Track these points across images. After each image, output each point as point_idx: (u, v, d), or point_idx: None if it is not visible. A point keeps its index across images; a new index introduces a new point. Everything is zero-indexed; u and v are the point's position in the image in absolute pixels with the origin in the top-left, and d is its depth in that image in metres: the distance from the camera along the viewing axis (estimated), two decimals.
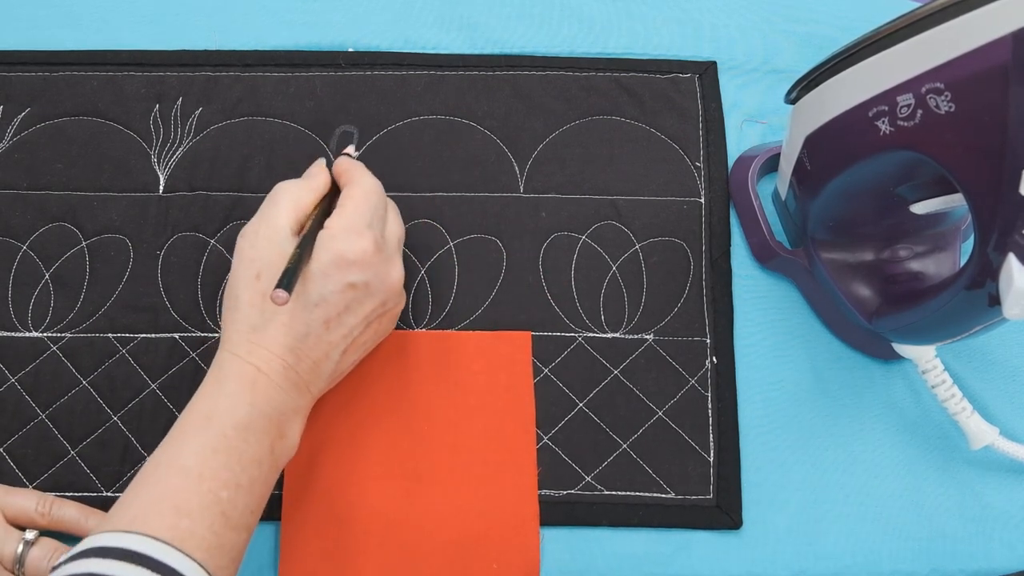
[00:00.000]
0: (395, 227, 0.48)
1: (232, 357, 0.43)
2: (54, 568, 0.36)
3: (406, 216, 0.55)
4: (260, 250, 0.44)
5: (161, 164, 0.56)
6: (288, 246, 0.44)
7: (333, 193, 0.48)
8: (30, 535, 0.45)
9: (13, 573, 0.45)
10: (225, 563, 0.39)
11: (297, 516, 0.48)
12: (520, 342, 0.52)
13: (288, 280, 0.41)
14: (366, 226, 0.44)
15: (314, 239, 0.44)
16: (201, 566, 0.37)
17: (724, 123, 0.58)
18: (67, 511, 0.47)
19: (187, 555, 0.36)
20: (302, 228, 0.45)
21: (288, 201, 0.46)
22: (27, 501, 0.47)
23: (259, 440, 0.42)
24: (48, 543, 0.45)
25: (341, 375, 0.48)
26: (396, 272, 0.46)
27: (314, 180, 0.48)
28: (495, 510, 0.49)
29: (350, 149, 0.53)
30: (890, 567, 0.49)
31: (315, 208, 0.46)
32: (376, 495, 0.49)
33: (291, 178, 0.55)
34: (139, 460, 0.50)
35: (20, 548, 0.45)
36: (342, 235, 0.44)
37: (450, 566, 0.47)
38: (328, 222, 0.45)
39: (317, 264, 0.43)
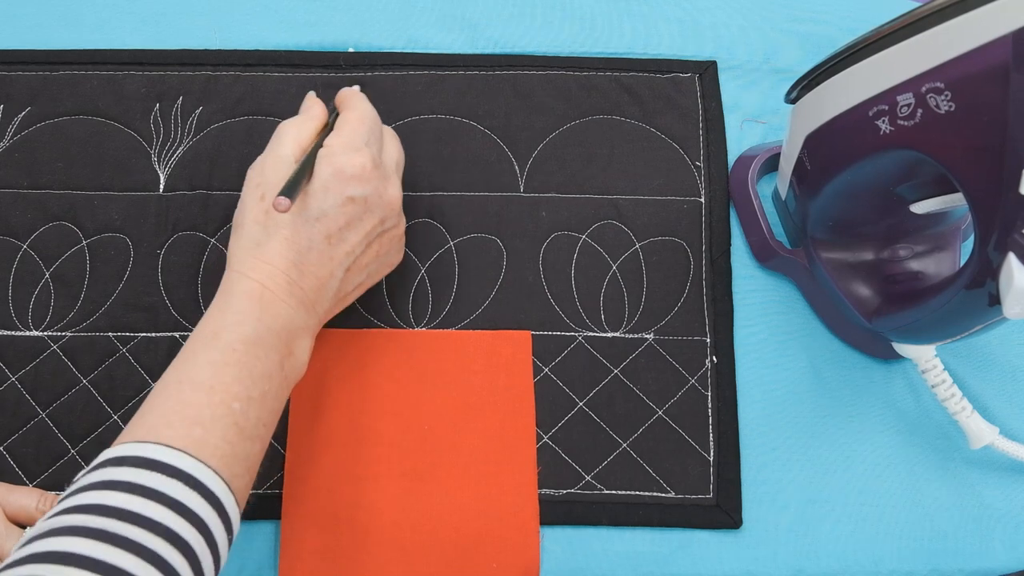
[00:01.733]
0: (392, 150, 0.49)
1: (237, 275, 0.44)
2: (74, 480, 0.36)
3: (406, 216, 0.55)
4: (266, 175, 0.45)
5: (161, 163, 0.56)
6: (291, 168, 0.45)
7: (333, 122, 0.49)
8: (31, 533, 0.45)
9: None
10: (240, 471, 0.39)
11: (297, 515, 0.48)
12: (520, 341, 0.52)
13: (290, 188, 0.42)
14: (363, 143, 0.46)
15: (314, 158, 0.45)
16: (216, 472, 0.37)
17: (724, 123, 0.59)
18: None
19: (201, 461, 0.37)
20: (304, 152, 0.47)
21: (290, 133, 0.47)
22: (28, 499, 0.47)
23: (267, 355, 0.42)
24: None
25: (346, 297, 0.48)
26: (394, 190, 0.47)
27: (311, 111, 0.50)
28: (495, 509, 0.49)
29: (355, 87, 0.54)
30: (890, 567, 0.49)
31: (316, 136, 0.48)
32: (376, 494, 0.49)
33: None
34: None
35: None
36: (340, 151, 0.45)
37: (450, 565, 0.47)
38: (327, 140, 0.46)
39: (317, 179, 0.44)
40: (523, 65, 0.60)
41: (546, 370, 0.52)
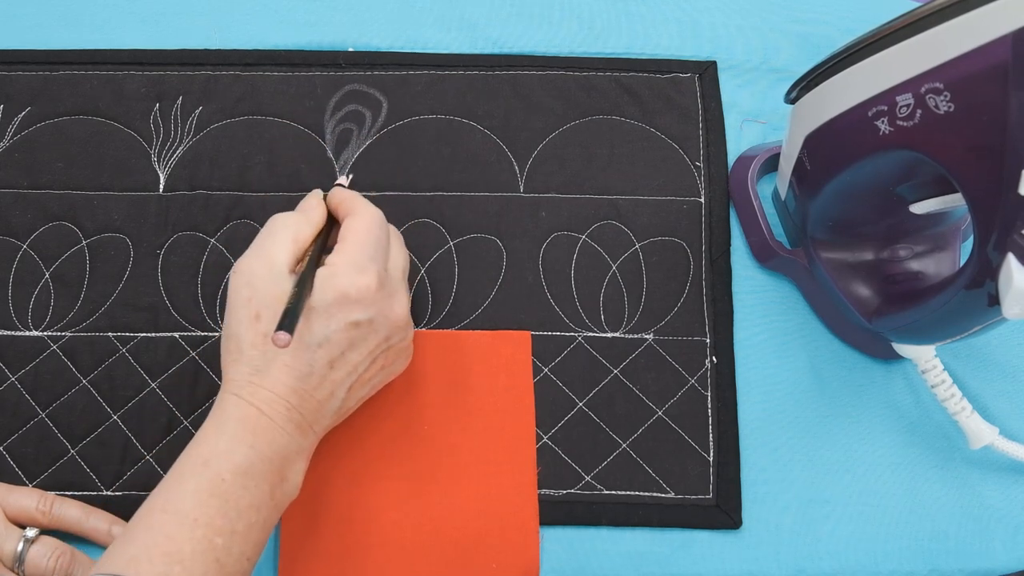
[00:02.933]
0: (399, 258, 0.47)
1: (234, 399, 0.42)
2: None
3: (406, 216, 0.55)
4: (258, 289, 0.43)
5: (161, 163, 0.56)
6: (286, 283, 0.43)
7: (330, 226, 0.47)
8: (31, 533, 0.45)
9: (13, 571, 0.45)
10: None
11: (297, 516, 0.48)
12: (520, 341, 0.52)
13: (289, 321, 0.39)
14: (368, 260, 0.43)
15: (313, 275, 0.43)
16: None
17: (724, 123, 0.59)
18: (68, 510, 0.47)
19: None
20: (299, 263, 0.44)
21: (285, 236, 0.44)
22: (28, 499, 0.47)
23: (258, 485, 0.41)
24: (49, 541, 0.45)
25: (347, 412, 0.47)
26: (400, 306, 0.45)
27: (311, 213, 0.47)
28: (495, 510, 0.49)
29: (342, 179, 0.52)
30: (890, 567, 0.49)
31: (312, 242, 0.45)
32: (376, 494, 0.49)
33: (291, 178, 0.56)
34: (139, 459, 0.50)
35: (20, 546, 0.45)
36: (344, 272, 0.43)
37: (450, 565, 0.48)
38: (330, 259, 0.44)
39: (319, 303, 0.42)
40: (523, 65, 0.60)
41: (546, 370, 0.52)
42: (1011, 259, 0.36)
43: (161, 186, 0.56)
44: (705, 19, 0.62)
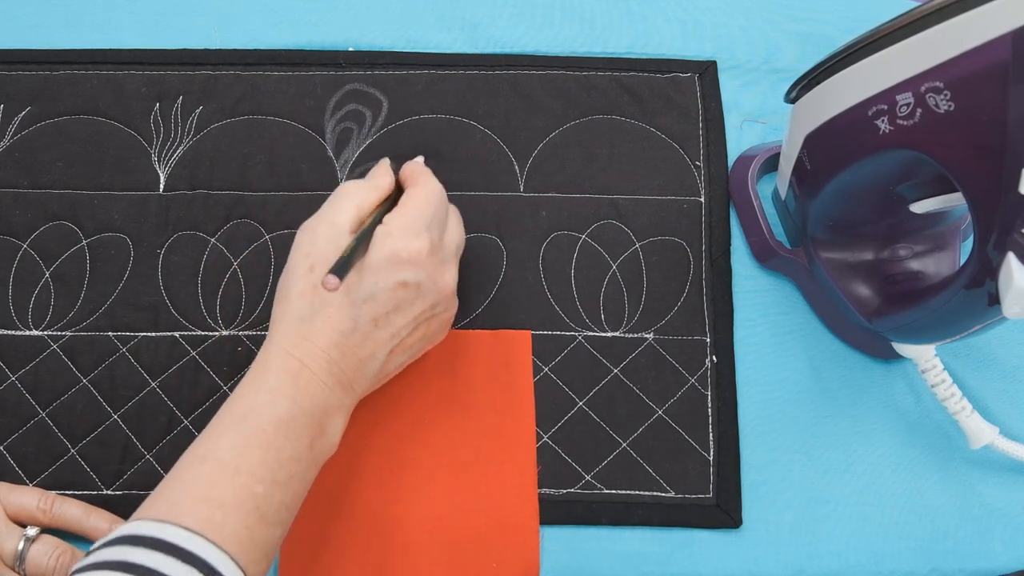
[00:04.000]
0: (455, 233, 0.48)
1: (277, 350, 0.43)
2: (88, 553, 0.36)
3: None
4: (317, 244, 0.44)
5: (161, 163, 0.56)
6: (345, 241, 0.44)
7: (396, 195, 0.48)
8: (31, 532, 0.45)
9: (14, 570, 0.45)
10: (258, 557, 0.38)
11: (297, 514, 0.48)
12: (520, 341, 0.52)
13: (342, 267, 0.41)
14: (424, 227, 0.44)
15: (371, 235, 0.44)
16: (232, 559, 0.36)
17: (724, 122, 0.59)
18: (69, 509, 0.47)
19: (219, 547, 0.36)
20: (360, 226, 0.45)
21: (350, 199, 0.46)
22: (29, 499, 0.47)
23: (299, 436, 0.41)
24: (49, 540, 0.45)
25: (387, 377, 0.47)
26: (449, 276, 0.46)
27: (378, 180, 0.48)
28: (495, 509, 0.49)
29: (419, 158, 0.53)
30: (890, 567, 0.49)
31: (377, 207, 0.47)
32: (376, 493, 0.49)
33: (291, 177, 0.56)
34: (139, 458, 0.50)
35: (21, 545, 0.45)
36: (399, 233, 0.44)
37: (450, 565, 0.47)
38: (387, 218, 0.45)
39: (371, 259, 0.43)
40: (523, 65, 0.60)
41: (546, 370, 0.52)
42: (1011, 258, 0.36)
43: (161, 186, 0.56)
44: (706, 19, 0.62)
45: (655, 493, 0.50)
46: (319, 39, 0.60)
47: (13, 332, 0.52)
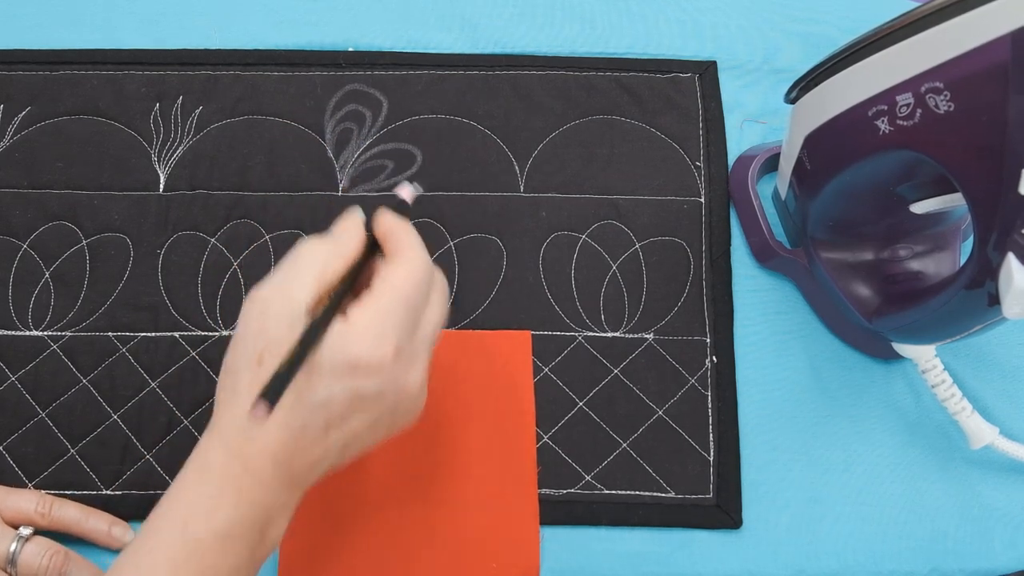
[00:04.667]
0: (432, 319, 0.41)
1: (220, 448, 0.38)
2: None
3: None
4: (268, 326, 0.38)
5: (161, 163, 0.56)
6: (300, 326, 0.37)
7: (366, 256, 0.41)
8: (25, 532, 0.45)
9: (5, 571, 0.45)
10: None
11: (296, 516, 0.48)
12: (520, 341, 0.52)
13: (275, 391, 0.35)
14: (392, 327, 0.38)
15: (326, 325, 0.37)
16: None
17: (724, 123, 0.59)
18: (67, 511, 0.47)
19: None
20: (320, 302, 0.39)
21: (311, 269, 0.39)
22: (27, 502, 0.46)
23: (238, 551, 0.37)
24: (42, 541, 0.45)
25: (339, 468, 0.42)
26: (415, 376, 0.40)
27: (346, 243, 0.41)
28: (495, 509, 0.49)
29: (405, 191, 0.44)
30: (890, 567, 0.49)
31: (339, 280, 0.39)
32: (375, 494, 0.49)
33: (291, 178, 0.56)
34: (139, 459, 0.49)
35: (14, 546, 0.45)
36: (361, 335, 0.37)
37: (450, 565, 0.47)
38: (352, 312, 0.38)
39: (326, 361, 0.37)
40: (523, 65, 0.60)
41: (546, 370, 0.52)
42: (1011, 259, 0.36)
43: (161, 186, 0.56)
44: (706, 19, 0.62)
45: (655, 493, 0.50)
46: (319, 39, 0.60)
47: (13, 332, 0.52)
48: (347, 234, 0.41)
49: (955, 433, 0.52)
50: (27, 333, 0.52)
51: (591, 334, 0.53)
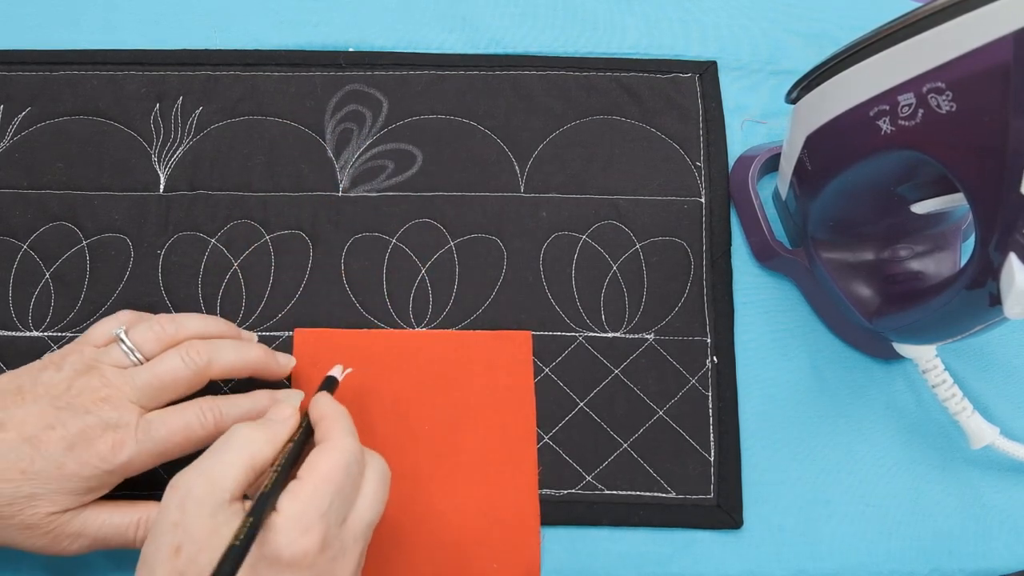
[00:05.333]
0: (366, 509, 0.39)
1: None
2: None
3: (406, 217, 0.55)
4: (188, 514, 0.36)
5: (161, 163, 0.56)
6: (222, 518, 0.36)
7: (304, 439, 0.41)
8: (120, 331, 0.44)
9: (128, 357, 0.44)
10: None
11: None
12: (520, 341, 0.52)
13: (226, 570, 0.33)
14: (319, 516, 0.36)
15: (259, 523, 0.35)
16: None
17: (724, 123, 0.59)
18: (234, 410, 0.44)
19: None
20: (254, 489, 0.37)
21: (240, 457, 0.37)
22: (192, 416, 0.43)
23: None
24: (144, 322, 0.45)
25: None
26: (344, 571, 0.38)
27: (276, 430, 0.40)
28: (496, 510, 0.49)
29: (336, 371, 0.47)
30: (890, 567, 0.49)
31: (273, 464, 0.38)
32: None
33: (291, 178, 0.56)
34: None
35: (119, 330, 0.44)
36: (284, 528, 0.36)
37: (450, 565, 0.47)
38: (280, 502, 0.37)
39: (250, 555, 0.35)
40: (523, 65, 0.60)
41: (546, 370, 0.52)
42: (1013, 259, 0.36)
43: (161, 186, 0.56)
44: (707, 19, 0.62)
45: (656, 494, 0.50)
46: (319, 39, 0.60)
47: (13, 333, 0.52)
48: (280, 420, 0.41)
49: (955, 433, 0.52)
50: (27, 334, 0.52)
51: (591, 334, 0.53)
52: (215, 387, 0.49)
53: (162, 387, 0.43)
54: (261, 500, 0.36)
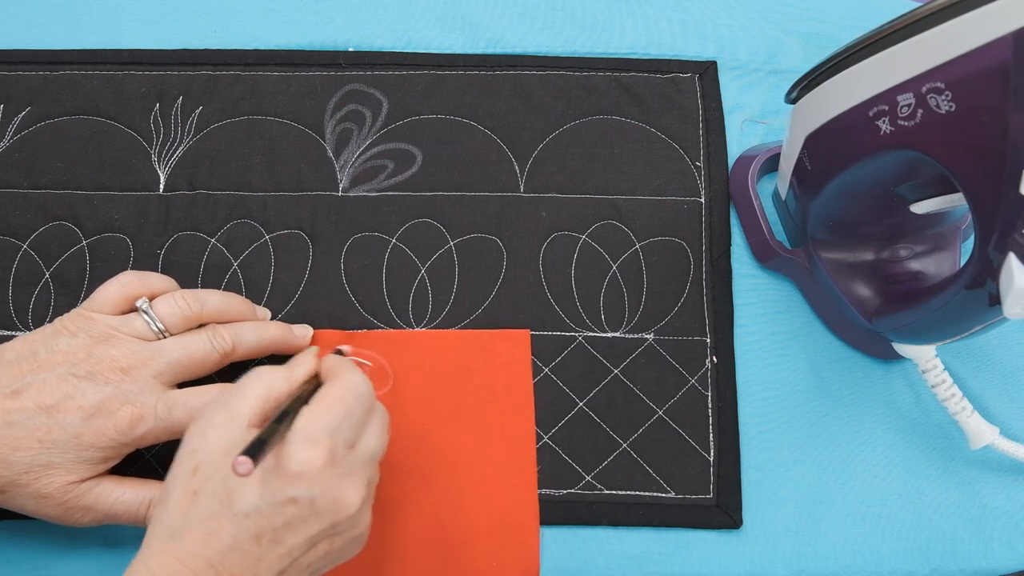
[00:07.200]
0: (372, 440, 0.41)
1: (142, 569, 0.36)
2: None
3: (406, 216, 0.55)
4: (207, 440, 0.38)
5: (161, 163, 0.56)
6: (241, 439, 0.37)
7: (317, 387, 0.42)
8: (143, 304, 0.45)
9: (152, 331, 0.45)
10: None
11: None
12: (519, 340, 0.52)
13: (257, 447, 0.34)
14: (326, 432, 0.38)
15: (295, 415, 0.38)
16: None
17: (724, 123, 0.59)
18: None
19: None
20: (265, 421, 0.39)
21: (256, 389, 0.39)
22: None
23: None
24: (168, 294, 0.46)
25: None
26: (352, 492, 0.39)
27: (295, 369, 0.42)
28: (495, 509, 0.49)
29: (343, 347, 0.49)
30: (890, 567, 0.49)
31: (288, 397, 0.40)
32: (375, 493, 0.49)
33: (291, 178, 0.56)
34: (138, 459, 0.49)
35: (142, 302, 0.45)
36: (292, 439, 0.37)
37: (449, 565, 0.47)
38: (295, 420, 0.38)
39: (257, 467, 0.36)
40: (523, 65, 0.60)
41: (546, 370, 0.52)
42: (1012, 259, 0.36)
43: (161, 186, 0.56)
44: (707, 19, 0.62)
45: (655, 494, 0.50)
46: (319, 39, 0.60)
47: (13, 333, 0.52)
48: (297, 362, 0.43)
49: (955, 433, 0.52)
50: (27, 333, 0.52)
51: (591, 334, 0.53)
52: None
53: (191, 365, 0.45)
54: (280, 415, 0.37)
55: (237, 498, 0.36)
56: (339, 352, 0.48)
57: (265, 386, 0.40)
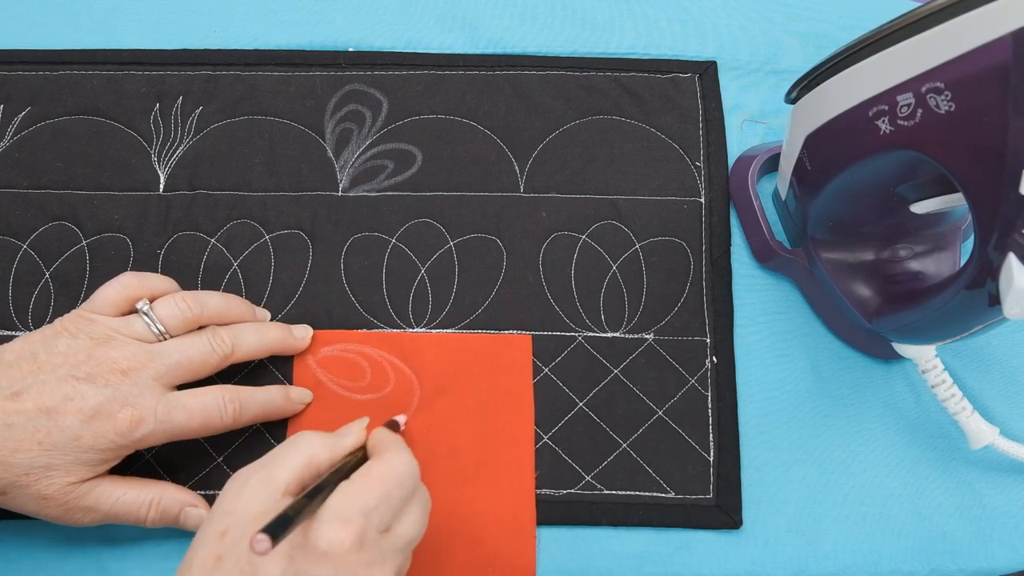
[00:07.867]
0: (409, 526, 0.39)
1: None
2: None
3: (406, 217, 0.55)
4: (241, 502, 0.36)
5: (161, 163, 0.56)
6: (275, 507, 0.36)
7: (362, 459, 0.41)
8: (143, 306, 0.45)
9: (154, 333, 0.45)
10: None
11: None
12: (520, 345, 0.52)
13: (280, 525, 0.33)
14: (360, 513, 0.36)
15: (331, 489, 0.37)
16: None
17: (724, 123, 0.59)
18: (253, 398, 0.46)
19: None
20: (303, 489, 0.38)
21: (298, 456, 0.39)
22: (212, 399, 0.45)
23: None
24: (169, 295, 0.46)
25: None
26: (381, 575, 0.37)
27: (342, 439, 0.41)
28: (492, 511, 0.49)
29: (399, 418, 0.49)
30: (890, 567, 0.49)
31: (330, 467, 0.39)
32: None
33: (291, 178, 0.56)
34: (138, 459, 0.49)
35: (143, 303, 0.45)
36: (326, 516, 0.36)
37: (446, 565, 0.47)
38: (330, 497, 0.37)
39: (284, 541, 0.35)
40: (523, 65, 0.60)
41: (546, 370, 0.52)
42: (1012, 259, 0.36)
43: (161, 186, 0.56)
44: (707, 19, 0.62)
45: (655, 494, 0.50)
46: (319, 39, 0.60)
47: (13, 333, 0.52)
48: (345, 432, 0.42)
49: (955, 433, 0.52)
50: (27, 333, 0.52)
51: (591, 334, 0.53)
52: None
53: (190, 368, 0.45)
54: (314, 490, 0.36)
55: (261, 572, 0.35)
56: (393, 424, 0.47)
57: (307, 454, 0.39)
